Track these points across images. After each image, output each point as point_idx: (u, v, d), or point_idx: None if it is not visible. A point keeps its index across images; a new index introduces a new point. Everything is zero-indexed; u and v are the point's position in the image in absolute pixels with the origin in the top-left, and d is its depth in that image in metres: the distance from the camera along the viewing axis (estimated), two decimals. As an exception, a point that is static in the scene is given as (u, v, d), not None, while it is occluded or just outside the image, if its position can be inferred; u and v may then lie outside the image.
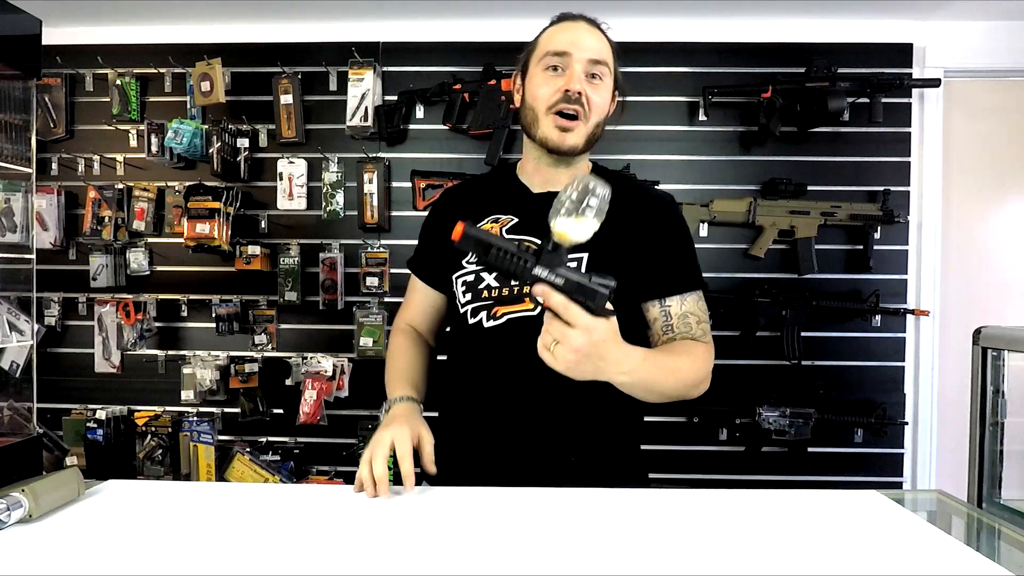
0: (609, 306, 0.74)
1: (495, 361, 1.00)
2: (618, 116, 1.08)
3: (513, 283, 0.98)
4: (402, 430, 0.91)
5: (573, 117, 0.97)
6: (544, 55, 0.99)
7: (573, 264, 0.96)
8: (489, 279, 1.00)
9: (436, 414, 1.14)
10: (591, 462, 1.00)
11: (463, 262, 1.03)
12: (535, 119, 1.00)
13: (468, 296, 1.02)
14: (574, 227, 0.71)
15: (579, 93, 0.96)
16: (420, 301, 1.14)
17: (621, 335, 0.81)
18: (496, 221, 1.03)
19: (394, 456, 0.88)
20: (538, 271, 0.72)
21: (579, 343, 0.74)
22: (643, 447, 1.10)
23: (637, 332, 1.03)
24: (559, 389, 0.98)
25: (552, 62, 0.98)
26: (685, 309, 1.01)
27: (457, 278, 1.03)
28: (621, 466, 1.05)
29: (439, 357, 1.15)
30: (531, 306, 0.98)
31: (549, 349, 0.75)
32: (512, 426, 0.98)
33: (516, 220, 1.03)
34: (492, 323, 0.99)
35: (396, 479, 0.87)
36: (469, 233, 0.72)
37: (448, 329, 1.14)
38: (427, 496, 0.83)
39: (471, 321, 1.01)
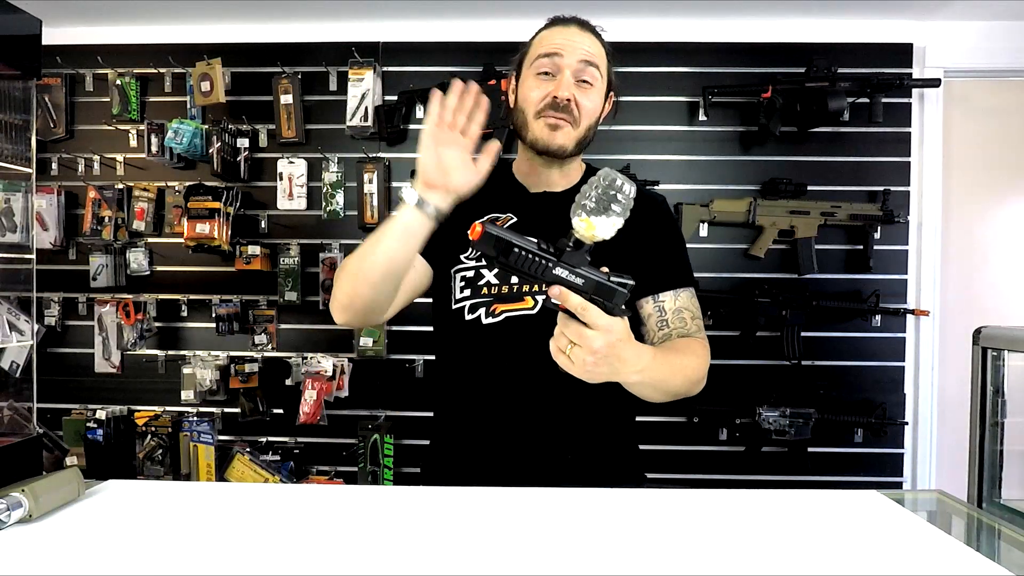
0: (624, 309, 0.74)
1: (493, 359, 1.00)
2: (612, 117, 1.07)
3: (523, 283, 0.97)
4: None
5: (564, 120, 0.97)
6: (536, 58, 0.99)
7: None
8: (489, 276, 1.00)
9: (431, 414, 1.14)
10: (588, 461, 1.00)
11: (461, 256, 1.03)
12: (525, 122, 1.01)
13: (466, 292, 1.01)
14: (600, 224, 0.70)
15: (568, 100, 0.96)
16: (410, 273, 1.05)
17: None
18: (496, 220, 1.03)
19: (394, 456, 0.88)
20: (559, 271, 0.71)
21: (598, 344, 0.73)
22: (644, 447, 1.11)
23: (632, 330, 1.04)
24: (557, 388, 0.98)
25: (543, 66, 0.98)
26: (679, 304, 1.02)
27: (456, 272, 1.03)
28: (618, 465, 1.05)
29: (428, 357, 1.14)
30: (531, 304, 0.98)
31: (565, 352, 0.74)
32: (509, 424, 0.98)
33: (515, 219, 1.03)
34: (491, 320, 0.99)
35: (396, 479, 0.87)
36: (490, 232, 0.70)
37: (433, 328, 1.11)
38: (426, 496, 0.83)
39: (468, 317, 1.00)
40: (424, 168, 0.85)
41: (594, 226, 0.70)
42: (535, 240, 0.72)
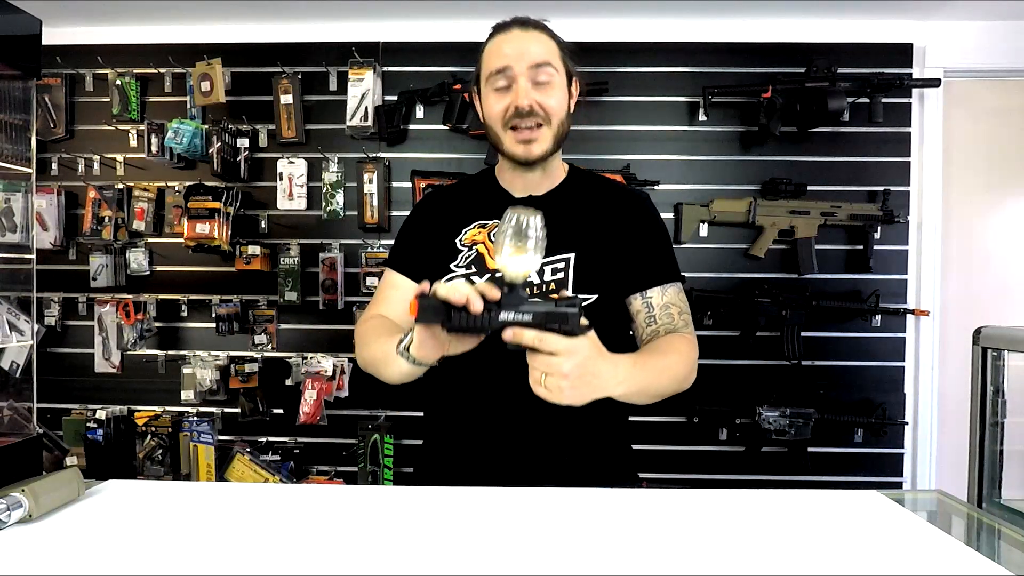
0: (585, 321, 0.74)
1: (487, 364, 1.00)
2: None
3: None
4: None
5: (535, 126, 0.97)
6: (489, 75, 0.99)
7: (548, 275, 0.96)
8: (480, 282, 1.00)
9: (421, 414, 1.14)
10: (583, 461, 1.00)
11: (451, 266, 1.03)
12: (497, 137, 1.01)
13: None
14: (521, 262, 0.72)
15: (530, 107, 0.96)
16: (400, 296, 1.08)
17: (608, 331, 0.82)
18: (483, 227, 1.04)
19: (394, 456, 0.88)
20: (504, 315, 0.73)
21: (567, 368, 0.74)
22: (644, 447, 1.11)
23: (622, 327, 1.05)
24: None
25: (497, 82, 0.98)
26: (666, 300, 1.02)
27: (446, 282, 1.03)
28: (614, 466, 1.05)
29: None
30: None
31: (542, 384, 0.76)
32: (506, 428, 0.99)
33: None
34: None
35: (396, 479, 0.87)
36: (425, 304, 0.73)
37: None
38: (425, 496, 0.83)
39: None
40: (422, 352, 0.84)
41: (517, 265, 0.73)
42: (469, 279, 0.73)
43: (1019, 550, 0.72)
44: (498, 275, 0.74)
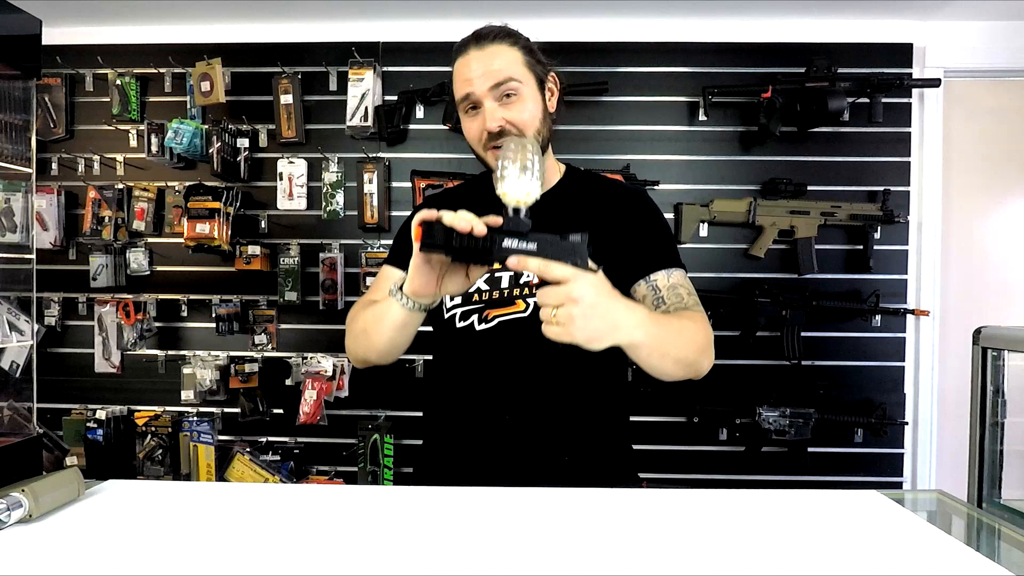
0: (594, 265, 0.73)
1: (488, 364, 1.00)
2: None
3: (492, 268, 0.97)
4: None
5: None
6: (459, 100, 0.99)
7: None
8: (480, 283, 1.00)
9: (421, 414, 1.14)
10: (585, 462, 1.00)
11: None
12: (481, 155, 1.02)
13: (456, 299, 1.02)
14: (522, 185, 0.72)
15: (499, 128, 0.95)
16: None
17: None
18: None
19: (394, 456, 0.88)
20: (507, 243, 0.71)
21: (578, 292, 0.70)
22: (644, 447, 1.11)
23: None
24: (552, 389, 0.99)
25: (466, 105, 0.99)
26: (673, 281, 0.99)
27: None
28: (614, 466, 1.05)
29: (427, 357, 1.14)
30: (522, 307, 0.98)
31: (554, 320, 0.71)
32: (506, 427, 0.98)
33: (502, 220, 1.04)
34: (484, 326, 0.99)
35: (396, 479, 0.87)
36: (429, 230, 0.73)
37: (432, 332, 1.12)
38: (425, 496, 0.83)
39: (460, 325, 1.01)
40: (415, 284, 0.83)
41: (521, 189, 0.72)
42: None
43: (1019, 550, 0.72)
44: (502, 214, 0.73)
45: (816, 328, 2.09)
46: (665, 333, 0.83)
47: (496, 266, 0.84)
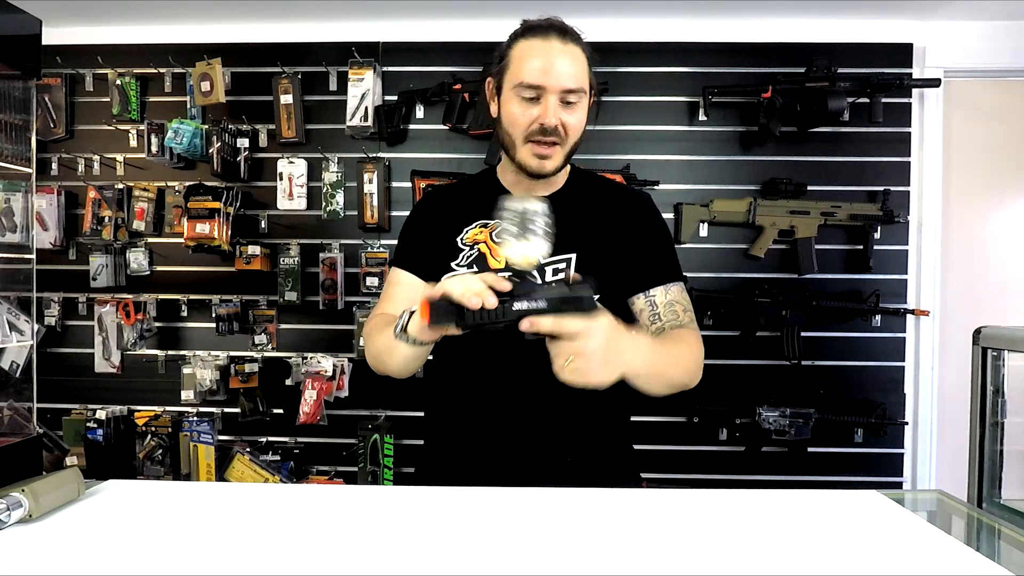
0: (596, 303, 0.75)
1: (490, 362, 1.00)
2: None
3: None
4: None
5: (552, 143, 0.96)
6: (517, 84, 0.96)
7: (550, 276, 0.97)
8: (488, 275, 1.00)
9: (421, 414, 1.14)
10: (586, 462, 1.00)
11: (452, 264, 1.03)
12: (512, 143, 0.99)
13: None
14: (527, 250, 0.73)
15: (555, 127, 0.95)
16: (407, 294, 1.07)
17: None
18: (485, 226, 1.04)
19: (394, 456, 0.88)
20: (518, 305, 0.72)
21: (592, 346, 0.74)
22: (644, 447, 1.11)
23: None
24: (554, 388, 0.98)
25: (524, 92, 0.95)
26: (670, 298, 1.01)
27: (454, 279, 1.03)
28: (616, 466, 1.05)
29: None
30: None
31: (566, 368, 0.75)
32: (509, 426, 0.99)
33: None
34: None
35: (396, 479, 0.87)
36: (436, 305, 0.73)
37: None
38: (425, 496, 0.83)
39: None
40: (421, 336, 0.83)
41: (523, 253, 0.73)
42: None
43: (1019, 550, 0.72)
44: (506, 269, 0.75)
45: (816, 328, 2.09)
46: (661, 361, 0.88)
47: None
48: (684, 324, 1.00)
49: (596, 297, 0.74)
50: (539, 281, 0.73)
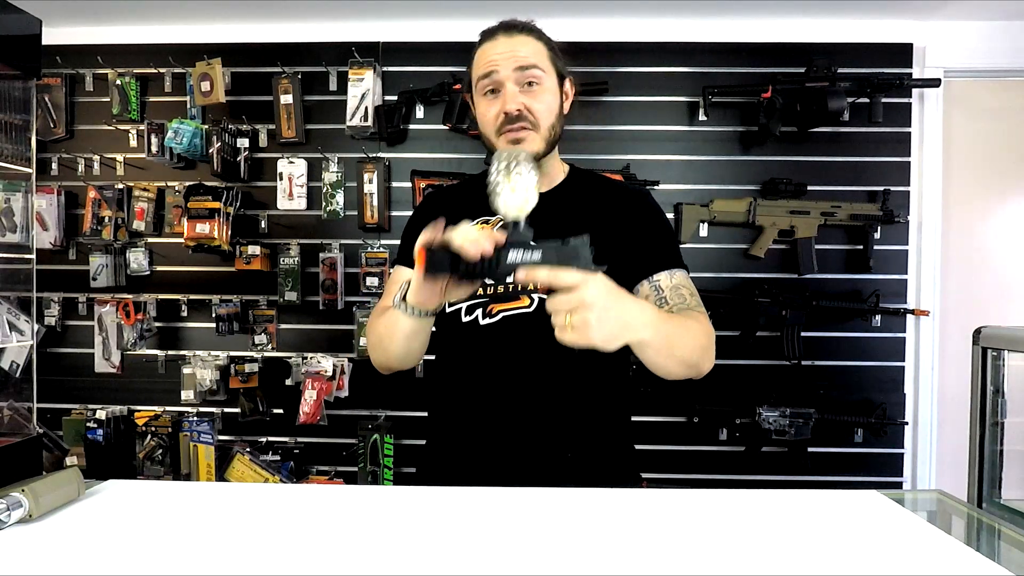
0: (595, 267, 0.74)
1: (492, 359, 1.00)
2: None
3: (497, 284, 0.98)
4: None
5: (522, 128, 0.97)
6: (478, 80, 1.00)
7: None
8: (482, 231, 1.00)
9: (421, 414, 1.14)
10: (586, 461, 1.00)
11: None
12: (491, 142, 1.01)
13: None
14: (519, 197, 0.73)
15: (518, 111, 0.96)
16: None
17: None
18: (487, 223, 1.04)
19: (394, 456, 0.88)
20: (512, 257, 0.72)
21: (590, 296, 0.71)
22: (644, 447, 1.11)
23: None
24: (556, 386, 0.99)
25: (486, 86, 0.99)
26: (676, 282, 1.00)
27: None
28: (617, 465, 1.05)
29: (428, 357, 1.14)
30: (527, 303, 0.98)
31: (568, 325, 0.72)
32: (509, 423, 0.99)
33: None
34: (488, 320, 0.99)
35: (396, 479, 0.87)
36: (432, 255, 0.73)
37: (433, 328, 1.12)
38: (425, 496, 0.83)
39: (465, 319, 1.01)
40: (419, 297, 0.84)
41: (515, 202, 0.73)
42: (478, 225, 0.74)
43: (1019, 550, 0.72)
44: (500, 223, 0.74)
45: (816, 328, 2.09)
46: (672, 332, 0.85)
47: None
48: (692, 307, 0.98)
49: (591, 255, 0.73)
50: (531, 235, 0.73)
